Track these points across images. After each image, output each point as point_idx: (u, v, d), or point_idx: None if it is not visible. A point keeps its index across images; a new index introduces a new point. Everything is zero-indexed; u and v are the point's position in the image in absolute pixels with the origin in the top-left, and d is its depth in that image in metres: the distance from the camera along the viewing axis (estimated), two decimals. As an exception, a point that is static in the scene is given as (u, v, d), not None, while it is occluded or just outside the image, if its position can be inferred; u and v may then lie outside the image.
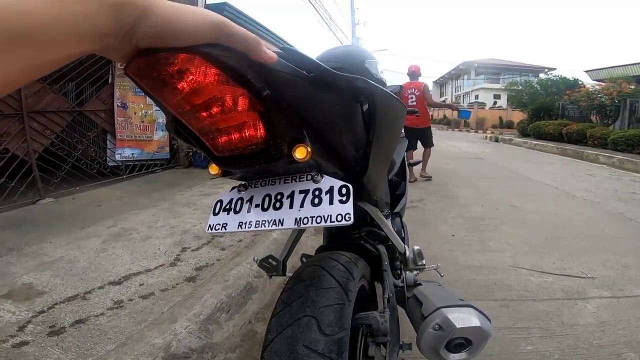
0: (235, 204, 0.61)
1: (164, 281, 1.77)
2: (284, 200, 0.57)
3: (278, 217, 0.56)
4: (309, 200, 0.56)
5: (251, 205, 0.60)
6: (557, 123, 11.06)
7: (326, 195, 0.55)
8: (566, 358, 1.33)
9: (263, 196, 0.60)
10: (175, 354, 1.25)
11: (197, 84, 0.40)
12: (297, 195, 0.57)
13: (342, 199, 0.54)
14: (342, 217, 0.52)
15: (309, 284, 0.64)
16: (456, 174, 5.66)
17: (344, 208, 0.53)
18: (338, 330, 0.57)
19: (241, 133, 0.48)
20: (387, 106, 0.72)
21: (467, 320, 0.75)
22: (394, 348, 0.80)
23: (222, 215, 0.61)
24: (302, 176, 0.59)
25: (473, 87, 31.06)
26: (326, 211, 0.54)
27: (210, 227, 0.61)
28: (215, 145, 0.51)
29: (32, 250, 2.14)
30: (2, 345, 1.27)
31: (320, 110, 0.52)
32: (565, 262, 2.23)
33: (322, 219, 0.53)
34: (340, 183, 0.56)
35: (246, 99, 0.44)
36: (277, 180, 0.60)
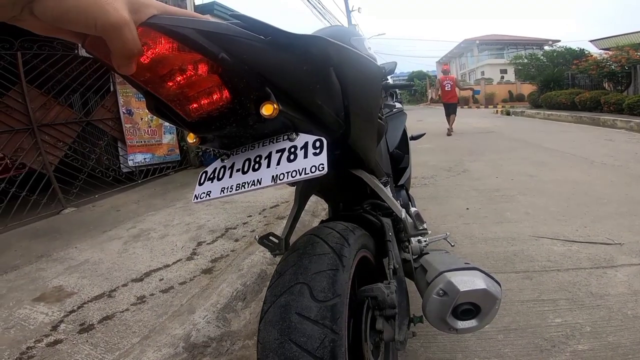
0: (219, 172, 0.62)
1: (182, 275, 1.81)
2: (262, 161, 0.58)
3: (257, 177, 0.57)
4: (285, 158, 0.56)
5: (233, 170, 0.61)
6: (568, 92, 10.88)
7: (301, 151, 0.56)
8: (599, 330, 1.25)
9: (243, 161, 0.61)
10: (195, 344, 1.28)
11: (157, 54, 0.43)
12: (274, 155, 0.57)
13: (316, 152, 0.55)
14: (315, 168, 0.53)
15: (302, 252, 0.64)
16: (468, 149, 5.53)
17: (317, 159, 0.53)
18: (331, 296, 0.56)
19: (208, 97, 0.51)
20: (356, 65, 0.71)
21: (472, 283, 0.72)
22: (404, 321, 0.78)
23: (207, 184, 0.62)
24: (279, 137, 0.59)
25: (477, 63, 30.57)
26: (301, 165, 0.54)
27: (196, 196, 0.62)
28: (187, 112, 0.53)
29: (60, 256, 2.23)
30: (37, 345, 1.33)
31: (284, 70, 0.53)
32: (589, 229, 2.14)
33: (297, 173, 0.54)
34: (314, 137, 0.56)
35: (205, 64, 0.46)
36: (256, 145, 0.61)
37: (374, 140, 0.87)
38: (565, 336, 1.24)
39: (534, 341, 1.23)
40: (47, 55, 3.54)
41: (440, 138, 7.05)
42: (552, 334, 1.26)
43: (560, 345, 1.20)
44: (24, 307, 1.63)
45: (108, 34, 0.33)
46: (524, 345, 1.22)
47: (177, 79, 0.47)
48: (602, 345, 1.18)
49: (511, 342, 1.24)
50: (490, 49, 29.59)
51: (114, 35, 0.33)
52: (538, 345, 1.21)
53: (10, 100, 3.29)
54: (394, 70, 1.61)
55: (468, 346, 1.24)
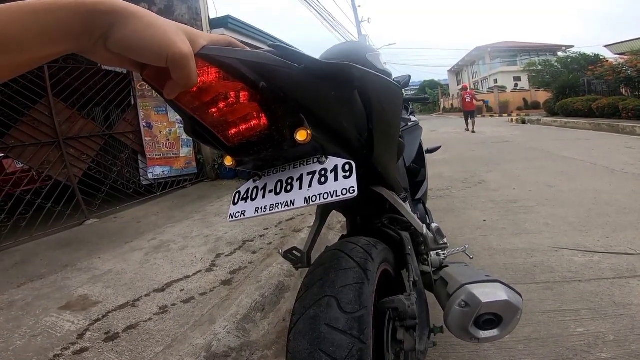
0: (252, 192, 0.66)
1: (202, 286, 1.85)
2: (294, 183, 0.62)
3: (289, 198, 0.60)
4: (316, 180, 0.60)
5: (265, 191, 0.64)
6: (585, 99, 10.69)
7: (331, 174, 0.59)
8: (622, 339, 1.24)
9: (275, 182, 0.64)
10: (216, 353, 1.31)
11: (203, 82, 0.46)
12: (306, 177, 0.61)
13: (346, 175, 0.58)
14: (346, 191, 0.56)
15: (328, 266, 0.67)
16: (483, 159, 5.47)
17: (348, 182, 0.57)
18: (358, 308, 0.59)
19: (247, 123, 0.54)
20: (379, 88, 0.74)
21: (494, 295, 0.74)
22: (424, 331, 0.80)
23: (241, 203, 0.66)
24: (309, 160, 0.63)
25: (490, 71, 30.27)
26: (332, 187, 0.57)
27: (231, 215, 0.66)
28: (226, 137, 0.57)
29: (84, 266, 2.31)
30: (64, 352, 1.38)
31: (316, 96, 0.57)
32: (611, 240, 2.09)
33: (328, 195, 0.57)
34: (343, 161, 0.60)
35: (246, 92, 0.50)
36: (287, 167, 0.65)
37: (395, 157, 0.90)
38: (587, 345, 1.23)
39: (556, 350, 1.22)
40: (72, 69, 3.64)
41: (455, 148, 6.99)
42: (574, 343, 1.24)
43: (582, 354, 1.19)
44: (51, 315, 1.69)
45: (176, 65, 0.36)
46: (545, 355, 1.20)
47: (220, 106, 0.51)
48: (626, 354, 1.17)
49: (532, 352, 1.23)
50: (503, 56, 29.27)
51: (181, 66, 0.36)
52: (560, 354, 1.20)
53: (37, 113, 3.39)
54: (408, 84, 1.64)
55: (488, 356, 1.23)
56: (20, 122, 3.32)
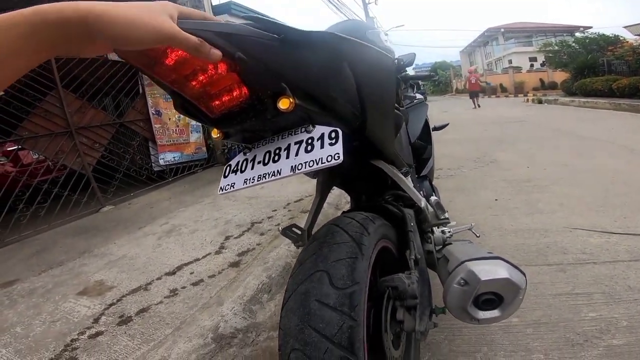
0: (242, 165, 0.66)
1: (211, 268, 1.89)
2: (282, 153, 0.61)
3: (277, 168, 0.60)
4: (303, 149, 0.59)
5: (254, 162, 0.64)
6: (605, 79, 10.28)
7: (317, 142, 0.58)
8: (636, 325, 1.19)
9: (264, 153, 0.64)
10: (223, 334, 1.34)
11: (179, 56, 0.46)
12: (293, 146, 0.61)
13: (332, 142, 0.57)
14: (331, 157, 0.55)
15: (322, 241, 0.66)
16: (497, 139, 5.31)
17: (333, 149, 0.56)
18: (350, 284, 0.58)
19: (228, 94, 0.55)
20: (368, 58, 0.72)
21: (493, 272, 0.71)
22: (425, 311, 0.77)
23: (231, 176, 0.67)
24: (297, 130, 0.62)
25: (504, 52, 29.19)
26: (318, 155, 0.57)
27: (222, 188, 0.66)
28: (209, 108, 0.58)
29: (100, 252, 2.39)
30: (80, 337, 1.44)
31: (297, 66, 0.56)
32: (628, 220, 2.01)
33: (314, 162, 0.56)
34: (330, 129, 0.59)
35: (224, 64, 0.50)
36: (276, 138, 0.64)
37: (392, 131, 0.87)
38: (599, 330, 1.19)
39: (566, 335, 1.19)
40: (79, 60, 3.65)
41: (467, 128, 6.82)
42: (586, 328, 1.21)
43: (593, 339, 1.15)
44: (69, 300, 1.76)
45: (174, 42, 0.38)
46: (554, 340, 1.17)
47: (199, 78, 0.51)
48: (638, 340, 1.13)
49: (541, 336, 1.20)
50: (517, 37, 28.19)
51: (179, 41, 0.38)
52: (569, 339, 1.16)
53: (48, 105, 3.46)
54: (412, 62, 1.58)
55: (494, 339, 1.21)
56: (32, 114, 3.38)
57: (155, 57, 0.46)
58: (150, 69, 0.48)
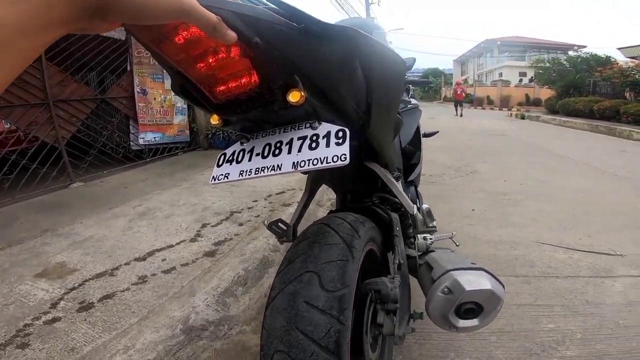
0: (238, 155, 0.63)
1: (185, 256, 1.84)
2: (283, 147, 0.59)
3: (277, 162, 0.57)
4: (307, 145, 0.57)
5: (252, 154, 0.61)
6: (587, 100, 10.71)
7: (323, 140, 0.56)
8: (589, 337, 1.27)
9: (264, 145, 0.61)
10: (193, 326, 1.31)
11: (192, 35, 0.43)
12: (296, 141, 0.58)
13: (339, 142, 0.55)
14: (337, 158, 0.53)
15: (312, 240, 0.65)
16: (479, 150, 5.46)
17: (340, 149, 0.54)
18: (340, 287, 0.57)
19: (237, 80, 0.51)
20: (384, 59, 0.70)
21: (478, 283, 0.72)
22: (404, 316, 0.79)
23: (225, 166, 0.63)
24: (301, 125, 0.60)
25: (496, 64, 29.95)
26: (323, 153, 0.55)
27: (214, 178, 0.63)
28: (213, 93, 0.54)
29: (65, 231, 2.27)
30: (35, 322, 1.35)
31: (314, 59, 0.53)
32: (593, 239, 2.13)
33: (318, 161, 0.54)
34: (337, 127, 0.56)
35: (238, 47, 0.47)
36: (277, 131, 0.61)
37: (391, 134, 0.86)
38: (555, 342, 1.26)
39: (525, 345, 1.25)
40: (69, 34, 3.54)
41: (452, 137, 6.96)
42: (544, 339, 1.28)
43: (549, 350, 1.22)
44: (25, 282, 1.65)
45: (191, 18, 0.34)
46: (515, 348, 1.23)
47: (209, 60, 0.48)
48: (590, 353, 1.20)
49: (503, 345, 1.25)
50: (512, 51, 28.85)
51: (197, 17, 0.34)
52: (528, 349, 1.23)
53: (28, 75, 3.33)
54: (412, 66, 1.60)
55: (461, 346, 1.25)
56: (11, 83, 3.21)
57: (165, 33, 0.42)
58: (157, 46, 0.44)
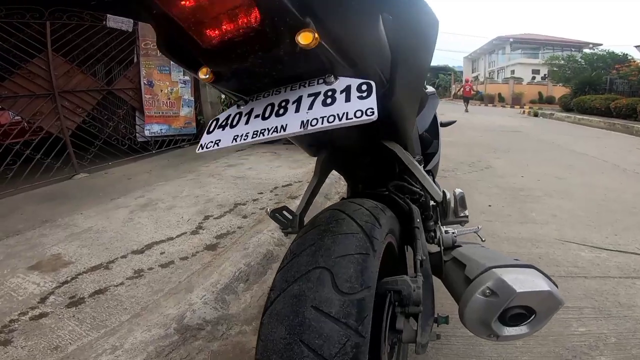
0: (233, 119, 0.51)
1: (185, 249, 1.75)
2: (290, 106, 0.47)
3: (281, 123, 0.45)
4: (320, 102, 0.45)
5: (250, 116, 0.49)
6: (604, 97, 10.39)
7: (341, 95, 0.44)
8: (624, 342, 1.17)
9: (265, 106, 0.49)
10: (188, 325, 1.20)
11: None
12: (306, 99, 0.46)
13: (362, 95, 0.43)
14: (362, 113, 0.41)
15: (324, 229, 0.52)
16: (492, 146, 5.28)
17: (365, 103, 0.42)
18: (359, 288, 0.44)
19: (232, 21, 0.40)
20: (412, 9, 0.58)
21: (532, 284, 0.59)
22: (428, 321, 0.65)
23: (217, 132, 0.52)
24: (312, 81, 0.47)
25: (508, 62, 29.38)
26: (342, 109, 0.43)
27: (202, 146, 0.52)
28: (202, 36, 0.42)
29: (64, 222, 2.20)
30: (21, 318, 1.27)
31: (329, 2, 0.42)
32: (619, 238, 1.99)
33: (335, 118, 0.42)
34: (359, 80, 0.44)
35: None
36: (282, 90, 0.49)
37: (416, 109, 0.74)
38: (588, 346, 1.16)
39: (555, 350, 1.15)
40: (75, 26, 3.54)
41: (463, 133, 6.79)
42: (575, 344, 1.17)
43: (582, 355, 1.12)
44: (17, 275, 1.58)
45: None
46: (543, 354, 1.13)
47: None
48: (625, 358, 1.11)
49: (530, 350, 1.14)
50: (524, 48, 28.24)
51: None
52: (558, 354, 1.13)
53: (33, 66, 3.32)
54: None
55: (483, 351, 1.14)
56: (16, 74, 3.23)
57: None
58: None
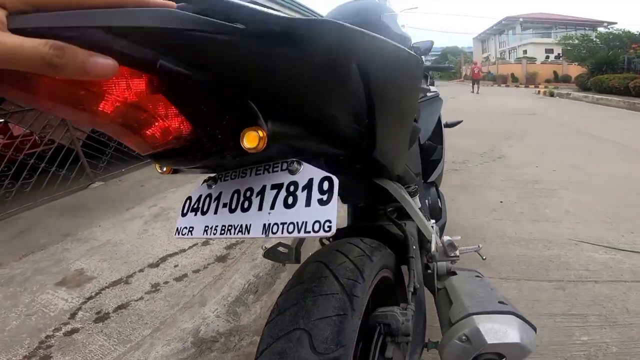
0: (204, 203, 0.52)
1: (197, 262, 1.81)
2: (253, 198, 0.46)
3: (245, 222, 0.46)
4: (282, 200, 0.43)
5: (219, 204, 0.50)
6: (622, 76, 9.98)
7: (303, 192, 0.42)
8: (624, 352, 1.15)
9: (232, 193, 0.49)
10: (203, 338, 1.27)
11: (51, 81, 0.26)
12: (269, 191, 0.45)
13: (323, 198, 0.40)
14: (320, 226, 0.39)
15: (307, 287, 0.55)
16: (505, 132, 5.13)
17: (323, 212, 0.39)
18: (334, 348, 0.48)
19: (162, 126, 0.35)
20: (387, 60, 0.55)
21: (503, 335, 0.61)
22: (416, 349, 0.70)
23: (190, 216, 0.53)
24: (276, 164, 0.46)
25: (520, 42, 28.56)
26: (301, 216, 0.41)
27: (178, 231, 0.53)
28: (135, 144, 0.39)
29: (84, 236, 2.29)
30: (55, 334, 1.36)
31: (277, 73, 0.36)
32: (636, 236, 1.91)
33: (294, 227, 0.40)
34: (321, 174, 0.42)
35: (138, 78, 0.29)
36: (248, 171, 0.49)
37: (406, 147, 0.74)
38: (586, 356, 1.14)
39: None
40: None
41: (475, 119, 6.63)
42: (574, 353, 1.15)
43: None
44: (47, 292, 1.67)
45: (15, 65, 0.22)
46: None
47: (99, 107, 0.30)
48: None
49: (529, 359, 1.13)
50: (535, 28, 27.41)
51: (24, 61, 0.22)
52: None
53: None
54: (429, 50, 1.44)
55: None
56: None
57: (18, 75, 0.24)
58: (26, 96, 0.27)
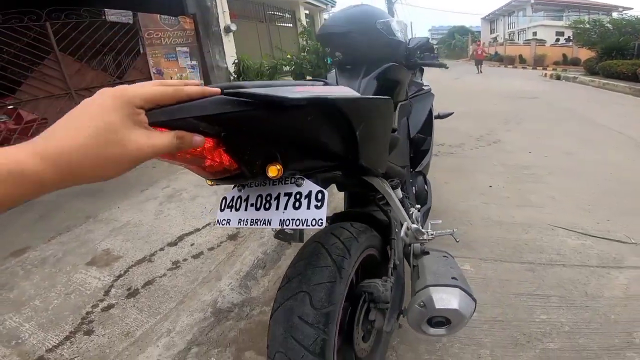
0: (236, 202, 0.72)
1: (211, 240, 2.03)
2: (272, 201, 0.67)
3: (267, 217, 0.67)
4: (292, 204, 0.64)
5: (247, 204, 0.70)
6: (631, 62, 9.68)
7: (305, 200, 0.63)
8: (576, 330, 1.27)
9: (256, 196, 0.70)
10: (220, 309, 1.50)
11: None
12: (282, 197, 0.66)
13: (317, 204, 0.62)
14: (315, 222, 0.61)
15: (307, 262, 0.77)
16: (504, 116, 5.18)
17: (318, 213, 0.61)
18: (327, 305, 0.70)
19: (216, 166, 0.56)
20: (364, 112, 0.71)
21: (447, 302, 0.84)
22: (393, 314, 0.93)
23: (226, 211, 0.73)
24: (286, 180, 0.67)
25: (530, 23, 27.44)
26: (304, 215, 0.62)
27: (219, 221, 0.73)
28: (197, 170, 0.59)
29: (105, 217, 2.50)
30: (94, 310, 1.55)
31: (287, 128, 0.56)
32: (611, 223, 1.99)
33: (300, 222, 0.62)
34: (317, 189, 0.63)
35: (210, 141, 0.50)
36: (267, 182, 0.70)
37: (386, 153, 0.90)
38: (542, 333, 1.27)
39: (513, 334, 1.28)
40: (76, 23, 3.64)
41: (477, 101, 6.65)
42: (533, 330, 1.29)
43: (534, 341, 1.25)
44: (80, 271, 1.86)
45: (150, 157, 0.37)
46: (503, 338, 1.27)
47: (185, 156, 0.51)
48: (571, 346, 1.22)
49: (493, 333, 1.29)
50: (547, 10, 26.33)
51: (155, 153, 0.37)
52: (515, 339, 1.26)
53: (46, 68, 3.51)
54: (424, 46, 1.53)
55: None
56: (30, 77, 3.44)
57: None
58: None
